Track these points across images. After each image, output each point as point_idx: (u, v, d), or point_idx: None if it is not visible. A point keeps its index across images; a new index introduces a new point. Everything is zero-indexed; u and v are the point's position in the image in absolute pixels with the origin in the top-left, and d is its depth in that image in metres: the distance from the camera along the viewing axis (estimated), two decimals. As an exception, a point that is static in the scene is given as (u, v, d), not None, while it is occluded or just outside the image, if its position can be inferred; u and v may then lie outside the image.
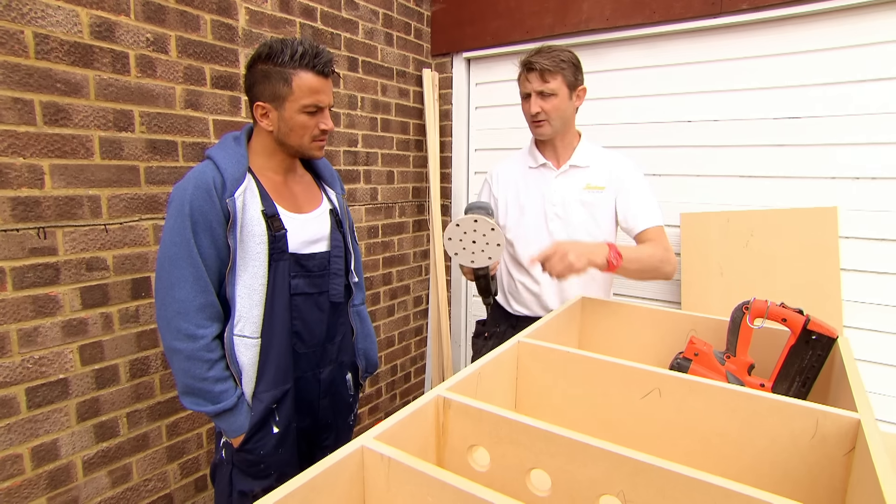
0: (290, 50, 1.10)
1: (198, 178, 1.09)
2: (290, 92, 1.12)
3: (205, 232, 1.09)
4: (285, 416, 1.23)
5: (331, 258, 1.28)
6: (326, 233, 1.29)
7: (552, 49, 1.49)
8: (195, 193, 1.08)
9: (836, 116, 1.81)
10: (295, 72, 1.12)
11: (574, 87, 1.51)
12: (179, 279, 1.09)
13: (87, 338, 1.49)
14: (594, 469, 0.68)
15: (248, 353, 1.17)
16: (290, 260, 1.19)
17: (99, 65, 1.44)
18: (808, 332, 1.02)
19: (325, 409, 1.33)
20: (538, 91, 1.48)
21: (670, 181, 2.13)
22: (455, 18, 2.59)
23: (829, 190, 1.84)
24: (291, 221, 1.20)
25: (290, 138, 1.18)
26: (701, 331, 1.24)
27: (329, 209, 1.32)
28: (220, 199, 1.09)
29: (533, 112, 1.51)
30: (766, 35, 1.90)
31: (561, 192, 1.57)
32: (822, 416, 0.78)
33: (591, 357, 0.98)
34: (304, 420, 1.30)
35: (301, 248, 1.22)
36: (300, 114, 1.15)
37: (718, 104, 2.02)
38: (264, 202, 1.16)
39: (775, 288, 1.83)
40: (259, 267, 1.15)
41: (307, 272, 1.23)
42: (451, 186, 2.77)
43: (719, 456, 0.88)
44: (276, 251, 1.16)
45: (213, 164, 1.12)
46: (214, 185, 1.09)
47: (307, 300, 1.24)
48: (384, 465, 0.68)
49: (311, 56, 1.12)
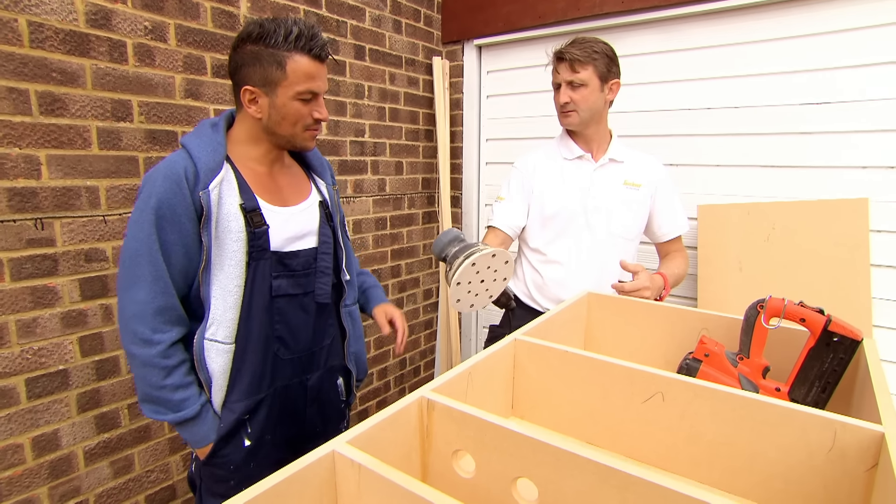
0: (285, 30, 1.00)
1: (168, 168, 0.99)
2: (283, 77, 1.02)
3: (172, 227, 0.99)
4: (258, 427, 1.12)
5: (318, 255, 1.17)
6: (314, 227, 1.18)
7: (586, 40, 1.47)
8: (164, 185, 0.98)
9: (867, 101, 1.69)
10: (290, 54, 1.02)
11: (606, 79, 1.48)
12: (138, 278, 0.99)
13: (87, 329, 1.48)
14: (582, 481, 0.63)
15: (219, 359, 1.07)
16: (272, 259, 1.09)
17: (96, 53, 1.42)
18: (830, 333, 0.94)
19: (312, 417, 1.23)
20: (568, 81, 1.46)
21: (688, 171, 2.04)
22: (466, 4, 2.51)
23: (858, 180, 1.73)
24: (275, 216, 1.10)
25: (282, 127, 1.08)
26: (713, 329, 1.17)
27: (318, 201, 1.22)
28: (192, 192, 0.99)
29: (561, 102, 1.49)
30: (792, 15, 1.79)
31: (601, 184, 1.54)
32: (841, 428, 0.70)
33: (590, 357, 0.92)
34: (291, 430, 1.20)
35: (285, 245, 1.12)
36: (294, 101, 1.05)
37: (739, 90, 1.91)
38: (243, 195, 1.06)
39: (798, 284, 1.73)
40: (235, 266, 1.04)
41: (291, 272, 1.12)
42: (462, 177, 2.71)
43: (727, 468, 0.82)
44: (255, 249, 1.06)
45: (187, 153, 1.01)
46: (186, 175, 0.98)
47: (291, 302, 1.13)
48: (355, 471, 0.64)
49: (308, 38, 1.02)
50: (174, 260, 1.01)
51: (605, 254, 1.54)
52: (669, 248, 1.62)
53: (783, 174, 1.86)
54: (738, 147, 1.93)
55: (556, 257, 1.57)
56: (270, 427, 1.15)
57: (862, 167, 1.72)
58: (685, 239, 1.65)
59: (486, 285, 1.15)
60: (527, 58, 2.44)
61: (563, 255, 1.56)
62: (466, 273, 1.06)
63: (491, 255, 1.07)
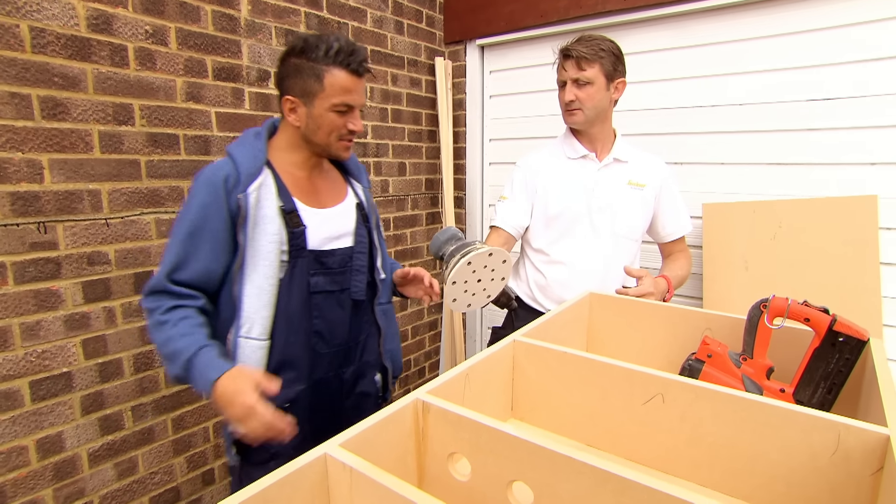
0: (326, 46, 1.08)
1: (212, 173, 1.08)
2: (321, 89, 1.09)
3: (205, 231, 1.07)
4: (302, 418, 1.14)
5: (354, 254, 1.23)
6: (351, 228, 1.24)
7: (592, 37, 1.45)
8: (205, 189, 1.07)
9: (875, 96, 1.66)
10: (328, 68, 1.09)
11: (612, 77, 1.46)
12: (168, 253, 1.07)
13: (90, 332, 1.49)
14: (577, 485, 0.62)
15: (253, 355, 1.11)
16: (310, 257, 1.15)
17: (97, 58, 1.43)
18: (835, 333, 0.92)
19: (349, 410, 1.27)
20: (574, 79, 1.44)
21: (692, 169, 2.01)
22: (467, 4, 2.50)
23: (867, 177, 1.70)
24: (312, 217, 1.16)
25: (317, 136, 1.14)
26: (716, 330, 1.15)
27: (355, 203, 1.27)
28: (231, 196, 1.06)
29: (567, 100, 1.47)
30: (798, 10, 1.76)
31: (605, 184, 1.53)
32: (845, 430, 0.69)
33: (589, 358, 0.91)
34: (328, 422, 1.23)
35: (322, 245, 1.18)
36: (330, 112, 1.11)
37: (744, 87, 1.89)
38: (282, 197, 1.12)
39: (805, 283, 1.71)
40: (270, 266, 1.10)
41: (328, 269, 1.18)
42: (466, 178, 2.70)
43: (728, 470, 0.80)
44: (294, 248, 1.12)
45: (231, 160, 1.10)
46: (226, 181, 1.07)
47: (328, 298, 1.19)
48: (347, 474, 0.63)
49: (347, 54, 1.09)
50: (200, 252, 1.07)
51: (608, 254, 1.53)
52: (673, 248, 1.60)
53: (790, 171, 1.83)
54: (743, 144, 1.91)
55: (559, 258, 1.55)
56: (308, 417, 1.19)
57: (870, 163, 1.69)
58: (691, 237, 1.64)
59: (484, 285, 1.13)
60: (530, 57, 2.43)
61: (566, 255, 1.55)
62: (462, 272, 1.05)
63: (488, 254, 1.05)
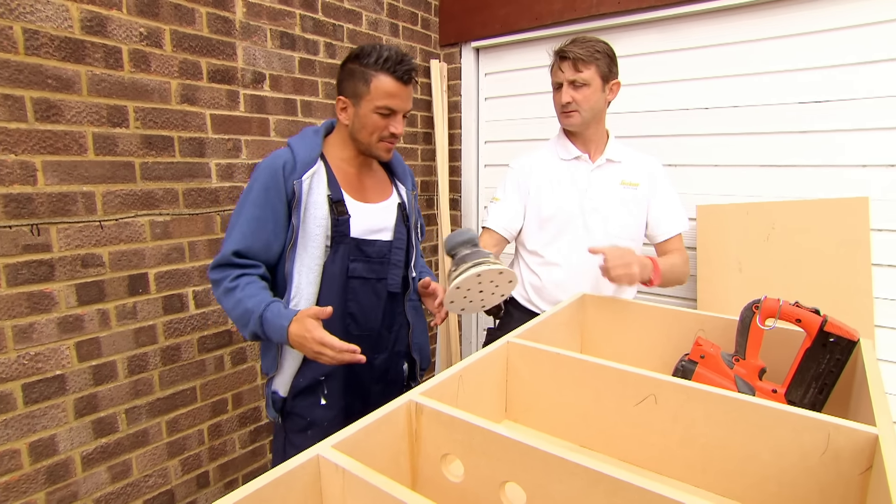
0: (377, 54, 1.19)
1: (273, 160, 1.20)
2: (367, 91, 1.20)
3: (267, 205, 1.18)
4: (334, 393, 1.29)
5: (392, 248, 1.33)
6: (391, 224, 1.33)
7: (587, 39, 1.46)
8: (266, 173, 1.19)
9: (866, 99, 1.67)
10: (376, 74, 1.19)
11: (608, 79, 1.47)
12: (233, 229, 1.19)
13: (84, 334, 1.49)
14: (569, 485, 0.62)
15: None
16: (351, 244, 1.25)
17: (91, 60, 1.43)
18: (826, 333, 0.93)
19: (377, 394, 1.35)
20: (570, 80, 1.45)
21: (686, 171, 2.02)
22: (463, 6, 2.51)
23: (858, 179, 1.71)
24: (356, 209, 1.26)
25: (361, 135, 1.24)
26: (709, 331, 1.16)
27: (398, 203, 1.37)
28: (287, 181, 1.18)
29: (564, 102, 1.47)
30: (790, 13, 1.77)
31: (598, 185, 1.53)
32: (835, 430, 0.69)
33: (581, 359, 0.91)
34: (358, 402, 1.34)
35: (364, 235, 1.27)
36: (373, 113, 1.21)
37: (738, 89, 1.90)
38: (331, 187, 1.23)
39: (799, 284, 1.72)
40: (317, 248, 1.21)
41: (367, 257, 1.28)
42: (461, 180, 2.71)
43: (720, 470, 0.80)
44: (337, 234, 1.22)
45: (290, 150, 1.22)
46: (284, 167, 1.18)
47: (364, 285, 1.29)
48: (339, 475, 0.63)
49: (395, 62, 1.19)
50: (262, 228, 1.19)
51: None
52: (668, 247, 1.58)
53: (783, 173, 1.84)
54: (737, 147, 1.92)
55: (553, 259, 1.56)
56: (342, 394, 1.31)
57: (862, 165, 1.70)
58: (686, 238, 1.63)
59: (483, 296, 1.15)
60: (524, 59, 2.43)
61: (561, 257, 1.55)
62: (469, 281, 1.06)
63: (498, 272, 1.06)
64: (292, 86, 1.97)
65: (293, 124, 1.99)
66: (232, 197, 1.81)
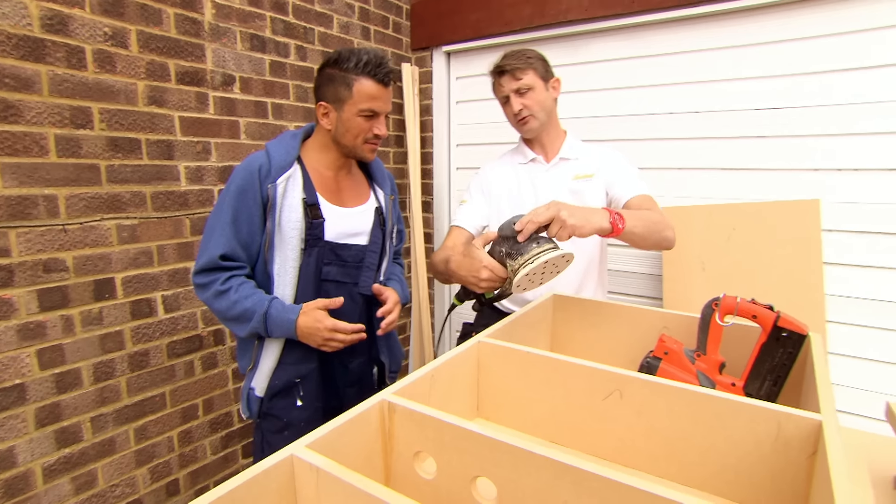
0: (356, 58, 1.21)
1: (248, 163, 1.21)
2: (350, 95, 1.22)
3: (243, 207, 1.19)
4: (310, 394, 1.30)
5: (367, 252, 1.34)
6: (367, 228, 1.35)
7: (516, 50, 1.52)
8: (242, 175, 1.20)
9: (818, 107, 1.77)
10: (357, 78, 1.21)
11: (547, 79, 1.51)
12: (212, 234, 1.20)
13: (46, 341, 1.44)
14: (538, 478, 0.64)
15: None
16: (326, 247, 1.26)
17: (52, 59, 1.39)
18: (779, 328, 0.98)
19: (351, 397, 1.36)
20: (515, 90, 1.48)
21: (652, 174, 2.09)
22: (434, 11, 2.54)
23: (811, 182, 1.80)
24: (332, 213, 1.27)
25: (345, 138, 1.26)
26: (673, 328, 1.20)
27: (374, 207, 1.38)
28: (263, 184, 1.19)
29: (516, 110, 1.50)
30: (747, 24, 1.86)
31: (551, 183, 1.56)
32: (785, 419, 0.74)
33: (551, 357, 0.94)
34: (332, 404, 1.35)
35: (339, 239, 1.29)
36: (357, 116, 1.23)
37: (700, 95, 1.98)
38: (306, 191, 1.24)
39: (757, 283, 1.79)
40: (292, 251, 1.23)
41: (342, 261, 1.30)
42: (433, 182, 2.73)
43: (682, 461, 0.84)
44: (311, 237, 1.24)
45: (266, 153, 1.22)
46: (260, 170, 1.19)
47: (339, 288, 1.30)
48: (313, 474, 0.64)
49: (374, 65, 1.21)
50: (240, 230, 1.21)
51: None
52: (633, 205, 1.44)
53: (742, 177, 1.92)
54: (700, 151, 2.00)
55: None
56: (318, 395, 1.33)
57: (814, 169, 1.80)
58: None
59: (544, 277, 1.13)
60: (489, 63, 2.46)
61: None
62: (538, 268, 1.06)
63: (561, 257, 1.07)
64: (263, 88, 1.96)
65: (264, 127, 1.97)
66: (202, 200, 1.78)
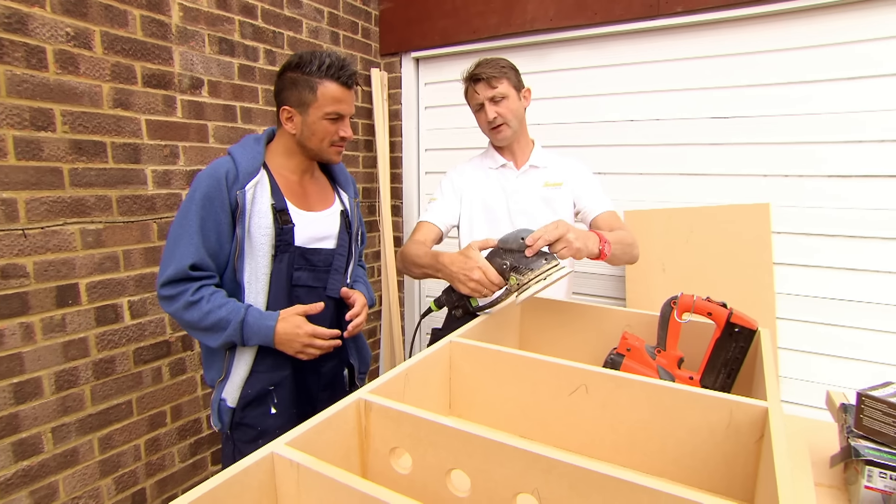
0: (318, 61, 1.20)
1: (214, 169, 1.18)
2: (314, 99, 1.21)
3: (210, 215, 1.16)
4: (284, 401, 1.29)
5: (335, 255, 1.35)
6: (334, 232, 1.36)
7: (490, 59, 1.56)
8: (207, 182, 1.16)
9: (767, 116, 1.88)
10: (321, 81, 1.20)
11: (519, 88, 1.57)
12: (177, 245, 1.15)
13: (4, 350, 1.40)
14: (509, 468, 0.68)
15: None
16: (296, 253, 1.26)
17: (10, 59, 1.36)
18: (732, 324, 1.05)
19: (324, 401, 1.36)
20: (490, 98, 1.52)
21: (615, 179, 2.17)
22: (403, 17, 2.57)
23: (762, 187, 1.91)
24: (300, 217, 1.27)
25: (311, 142, 1.26)
26: (635, 326, 1.26)
27: (340, 210, 1.39)
28: (231, 190, 1.17)
29: (490, 118, 1.54)
30: (701, 37, 1.96)
31: (522, 190, 1.61)
32: (735, 407, 0.79)
33: (519, 355, 0.98)
34: (306, 410, 1.34)
35: (308, 243, 1.28)
36: (322, 120, 1.23)
37: (660, 104, 2.07)
38: (275, 197, 1.23)
39: (713, 282, 1.89)
40: (263, 257, 1.22)
41: (312, 266, 1.30)
42: (402, 187, 2.75)
43: (644, 451, 0.89)
44: (281, 243, 1.23)
45: (231, 159, 1.20)
46: (227, 177, 1.17)
47: (310, 293, 1.30)
48: (294, 471, 0.66)
49: (337, 68, 1.21)
50: (208, 239, 1.17)
51: None
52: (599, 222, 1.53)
53: (699, 181, 2.02)
54: (659, 156, 2.09)
55: None
56: (293, 401, 1.32)
57: (764, 175, 1.91)
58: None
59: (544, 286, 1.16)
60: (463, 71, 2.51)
61: None
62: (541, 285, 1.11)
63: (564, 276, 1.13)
64: (231, 92, 1.95)
65: (233, 131, 1.96)
66: (169, 204, 1.76)
